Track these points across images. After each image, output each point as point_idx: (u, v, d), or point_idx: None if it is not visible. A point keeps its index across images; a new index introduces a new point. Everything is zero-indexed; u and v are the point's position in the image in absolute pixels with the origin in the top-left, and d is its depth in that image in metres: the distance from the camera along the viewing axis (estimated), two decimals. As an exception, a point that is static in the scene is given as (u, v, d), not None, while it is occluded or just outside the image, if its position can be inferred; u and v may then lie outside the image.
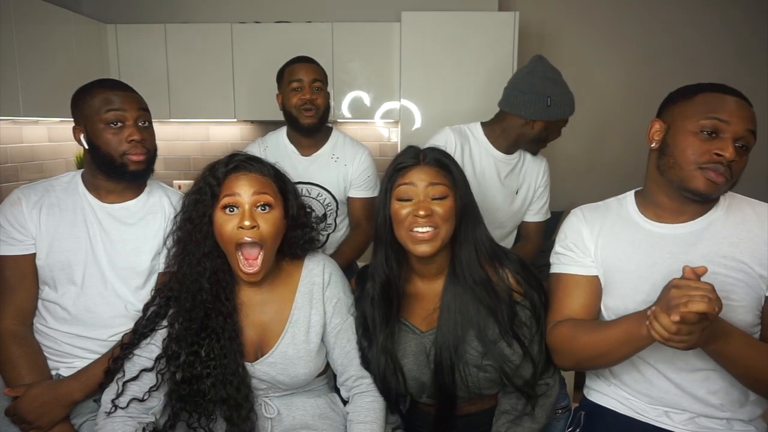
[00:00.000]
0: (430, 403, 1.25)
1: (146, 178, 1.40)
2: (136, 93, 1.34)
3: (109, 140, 1.28)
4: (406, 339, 1.23)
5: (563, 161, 3.72)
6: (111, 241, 1.33)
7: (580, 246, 1.22)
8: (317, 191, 1.93)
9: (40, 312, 1.34)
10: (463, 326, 1.17)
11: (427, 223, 1.13)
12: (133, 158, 1.29)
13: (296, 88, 1.85)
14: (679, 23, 3.55)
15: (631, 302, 1.14)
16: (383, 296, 1.22)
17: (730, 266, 1.08)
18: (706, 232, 1.12)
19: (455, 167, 1.21)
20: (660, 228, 1.16)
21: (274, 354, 1.20)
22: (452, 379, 1.17)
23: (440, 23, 3.09)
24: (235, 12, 3.52)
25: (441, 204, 1.15)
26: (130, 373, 1.14)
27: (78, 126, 1.32)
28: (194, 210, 1.15)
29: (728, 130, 1.05)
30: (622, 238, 1.19)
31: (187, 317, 1.15)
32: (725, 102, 1.07)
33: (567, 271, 1.22)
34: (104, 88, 1.30)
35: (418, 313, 1.24)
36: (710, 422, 1.13)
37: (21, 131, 2.94)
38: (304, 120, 1.86)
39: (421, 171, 1.17)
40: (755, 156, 1.16)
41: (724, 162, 1.04)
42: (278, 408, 1.23)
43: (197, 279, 1.15)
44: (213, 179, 1.15)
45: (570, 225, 1.26)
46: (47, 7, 2.71)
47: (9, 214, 1.30)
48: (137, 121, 1.30)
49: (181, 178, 3.75)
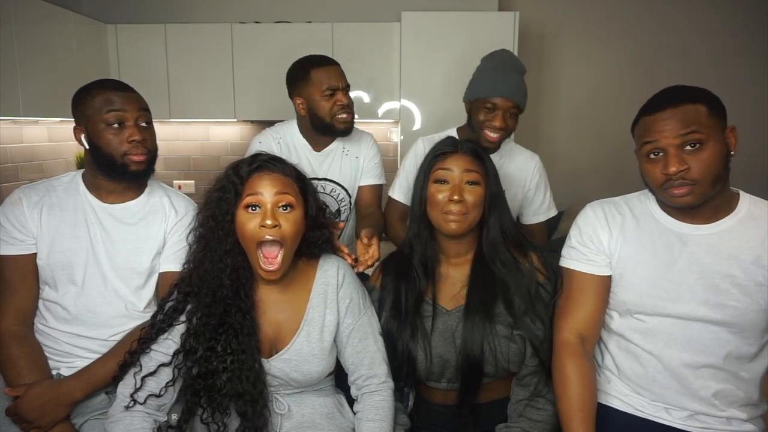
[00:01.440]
0: (449, 388, 1.27)
1: (147, 179, 1.40)
2: (137, 93, 1.34)
3: (109, 141, 1.28)
4: (432, 318, 1.27)
5: (562, 161, 3.72)
6: (111, 241, 1.33)
7: (595, 241, 1.22)
8: (331, 187, 1.91)
9: (40, 312, 1.34)
10: (491, 300, 1.24)
11: (459, 207, 1.24)
12: (134, 158, 1.29)
13: (330, 95, 1.75)
14: (678, 23, 3.55)
15: (647, 298, 1.15)
16: (423, 266, 1.31)
17: (748, 270, 1.09)
18: (727, 235, 1.12)
19: (488, 159, 1.31)
20: (681, 227, 1.16)
21: (289, 351, 1.21)
22: (480, 351, 1.21)
23: (440, 23, 3.09)
24: (235, 12, 3.52)
25: (473, 190, 1.25)
26: (148, 368, 1.14)
27: (79, 126, 1.32)
28: (217, 207, 1.17)
29: (663, 146, 1.08)
30: (643, 234, 1.19)
31: (206, 312, 1.15)
32: (654, 120, 1.10)
33: (579, 269, 1.23)
34: (105, 88, 1.30)
35: (445, 293, 1.30)
36: (710, 420, 1.14)
37: (21, 131, 2.94)
38: (342, 125, 1.78)
39: (458, 158, 1.27)
40: (755, 156, 1.17)
41: (675, 177, 1.06)
42: (289, 404, 1.24)
43: (218, 275, 1.16)
44: (236, 178, 1.17)
45: (585, 219, 1.26)
46: (47, 7, 2.72)
47: (10, 213, 1.30)
48: (138, 121, 1.30)
49: (181, 178, 3.75)
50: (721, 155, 1.07)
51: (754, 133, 3.57)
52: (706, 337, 1.12)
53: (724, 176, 1.09)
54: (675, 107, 1.08)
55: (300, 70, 1.80)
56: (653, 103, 1.13)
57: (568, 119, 3.74)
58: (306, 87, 1.77)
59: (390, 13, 3.39)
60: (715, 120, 1.08)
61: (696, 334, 1.12)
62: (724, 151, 1.08)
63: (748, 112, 3.58)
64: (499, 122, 1.65)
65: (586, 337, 1.21)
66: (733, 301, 1.09)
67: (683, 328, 1.13)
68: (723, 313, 1.10)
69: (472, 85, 1.74)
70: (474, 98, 1.70)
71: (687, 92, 1.10)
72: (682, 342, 1.13)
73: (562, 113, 3.74)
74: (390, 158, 3.53)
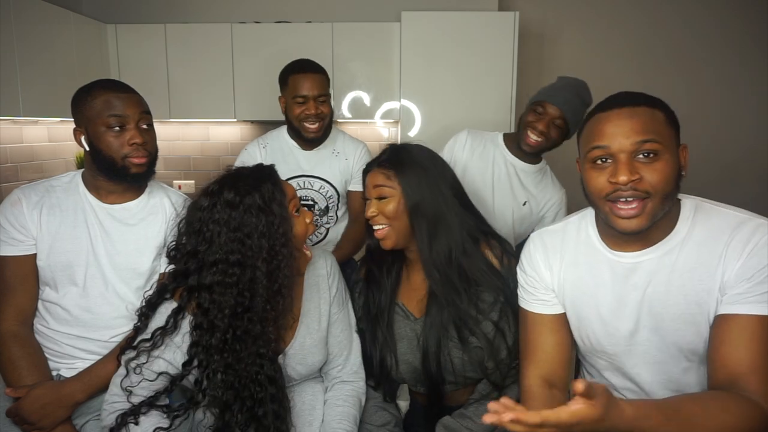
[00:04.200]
0: (424, 392, 1.30)
1: (148, 180, 1.40)
2: (138, 95, 1.34)
3: (110, 143, 1.27)
4: (401, 324, 1.30)
5: (562, 161, 3.72)
6: (112, 241, 1.33)
7: (539, 280, 1.14)
8: (320, 184, 1.96)
9: (40, 313, 1.34)
10: (447, 313, 1.23)
11: (376, 221, 1.25)
12: (135, 161, 1.29)
13: (300, 102, 1.84)
14: (678, 23, 3.55)
15: (605, 339, 1.07)
16: (386, 269, 1.32)
17: (689, 296, 0.98)
18: (666, 258, 1.00)
19: (409, 161, 1.25)
20: (620, 257, 1.04)
21: (294, 346, 1.24)
22: (437, 364, 1.22)
23: (440, 23, 3.09)
24: (235, 12, 3.52)
25: (382, 205, 1.24)
26: (148, 376, 1.14)
27: (79, 128, 1.32)
28: (270, 237, 1.12)
29: (615, 151, 0.94)
30: (583, 269, 1.08)
31: (234, 323, 1.11)
32: (607, 119, 0.96)
33: (531, 309, 1.15)
34: (106, 89, 1.29)
35: (412, 297, 1.32)
36: None
37: (21, 131, 2.94)
38: (308, 133, 1.87)
39: (371, 176, 1.28)
40: (756, 156, 1.15)
41: (625, 187, 0.93)
42: (293, 398, 1.27)
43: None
44: (281, 210, 1.14)
45: (527, 256, 1.17)
46: (47, 7, 2.71)
47: (9, 214, 1.30)
48: (139, 123, 1.30)
49: (181, 178, 3.75)
50: (675, 172, 0.95)
51: (754, 133, 3.58)
52: (673, 367, 1.03)
53: (673, 196, 0.97)
54: (633, 107, 0.95)
55: (284, 72, 1.92)
56: (608, 101, 1.00)
57: (568, 119, 3.74)
58: (285, 90, 1.90)
59: (390, 13, 3.38)
60: (672, 132, 0.96)
61: (664, 366, 1.04)
62: (677, 170, 0.96)
63: (746, 112, 3.58)
64: (542, 126, 1.71)
65: (552, 381, 1.10)
66: (679, 335, 1.00)
67: (648, 364, 1.04)
68: (675, 345, 1.01)
69: (538, 91, 1.80)
70: (533, 101, 1.77)
71: (644, 96, 0.98)
72: (653, 374, 1.05)
73: (562, 113, 3.74)
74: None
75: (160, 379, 1.14)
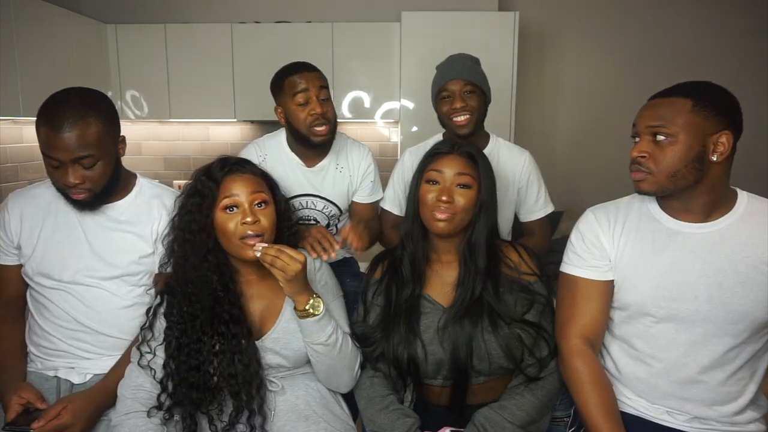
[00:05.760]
0: (444, 385, 1.27)
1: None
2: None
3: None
4: (427, 313, 1.29)
5: (562, 161, 3.72)
6: (102, 241, 1.34)
7: (598, 247, 1.22)
8: (323, 204, 1.83)
9: (33, 313, 1.36)
10: (479, 300, 1.25)
11: (448, 208, 1.25)
12: (74, 197, 1.29)
13: (303, 103, 1.66)
14: (678, 24, 3.55)
15: (650, 299, 1.15)
16: (411, 265, 1.33)
17: (751, 265, 1.09)
18: (727, 232, 1.12)
19: (483, 163, 1.32)
20: (682, 227, 1.16)
21: (276, 329, 1.26)
22: (467, 353, 1.22)
23: (440, 23, 3.09)
24: (235, 12, 3.52)
25: (464, 193, 1.27)
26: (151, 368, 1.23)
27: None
28: (198, 212, 1.23)
29: (638, 130, 1.18)
30: (643, 236, 1.19)
31: (193, 309, 1.22)
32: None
33: (581, 275, 1.23)
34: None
35: (439, 289, 1.32)
36: (712, 422, 1.14)
37: (21, 131, 2.94)
38: (317, 138, 1.68)
39: (452, 159, 1.29)
40: (755, 156, 1.17)
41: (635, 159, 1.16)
42: (282, 383, 1.28)
43: (205, 273, 1.23)
44: (211, 182, 1.24)
45: (587, 224, 1.26)
46: (47, 7, 2.72)
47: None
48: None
49: (181, 178, 3.75)
50: (696, 156, 1.10)
51: (754, 133, 3.57)
52: (708, 339, 1.12)
53: (685, 174, 1.10)
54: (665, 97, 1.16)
55: (277, 78, 1.75)
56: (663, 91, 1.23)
57: (568, 119, 3.74)
58: (282, 96, 1.72)
59: (390, 13, 3.38)
60: (689, 120, 1.15)
61: (699, 338, 1.12)
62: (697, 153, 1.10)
63: (747, 111, 3.58)
64: (459, 103, 1.67)
65: (593, 342, 1.21)
66: (736, 298, 1.09)
67: (686, 332, 1.13)
68: (726, 311, 1.10)
69: (432, 85, 1.77)
70: (434, 96, 1.74)
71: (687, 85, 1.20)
72: (685, 346, 1.13)
73: (562, 113, 3.74)
74: (389, 158, 3.53)
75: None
